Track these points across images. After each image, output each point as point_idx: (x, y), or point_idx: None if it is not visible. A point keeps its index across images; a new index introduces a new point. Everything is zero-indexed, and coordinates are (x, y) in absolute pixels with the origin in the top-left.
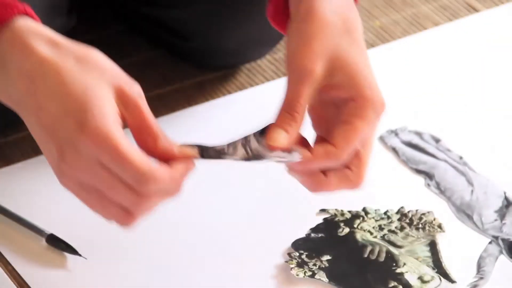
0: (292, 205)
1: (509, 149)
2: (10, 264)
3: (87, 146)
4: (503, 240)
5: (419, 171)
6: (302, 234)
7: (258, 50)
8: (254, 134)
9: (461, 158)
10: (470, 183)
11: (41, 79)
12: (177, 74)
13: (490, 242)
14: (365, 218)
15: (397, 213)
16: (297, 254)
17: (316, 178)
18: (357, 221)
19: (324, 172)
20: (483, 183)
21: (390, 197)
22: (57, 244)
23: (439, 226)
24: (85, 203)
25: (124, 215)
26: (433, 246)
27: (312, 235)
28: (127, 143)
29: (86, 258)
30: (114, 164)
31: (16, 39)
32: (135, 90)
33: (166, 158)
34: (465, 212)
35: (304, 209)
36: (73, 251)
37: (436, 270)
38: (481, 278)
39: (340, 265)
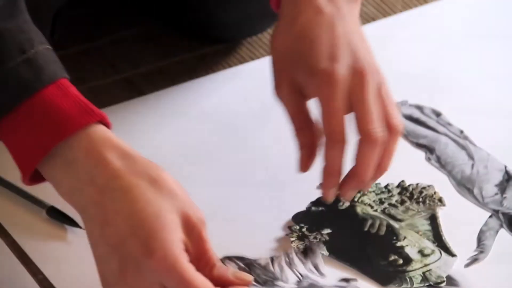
0: (293, 179)
1: (510, 123)
2: (10, 236)
3: (152, 270)
4: (503, 214)
5: (419, 145)
6: (302, 207)
7: (259, 24)
8: (296, 253)
9: (461, 132)
10: (470, 157)
11: (112, 194)
12: (178, 47)
13: (490, 216)
14: (366, 191)
15: (397, 187)
16: (298, 227)
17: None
18: (358, 195)
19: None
20: (483, 157)
21: (390, 171)
22: (58, 216)
23: (440, 200)
24: None
25: None
26: (433, 219)
27: (313, 208)
28: (192, 270)
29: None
30: None
31: (91, 149)
32: (199, 218)
33: (220, 283)
34: (465, 186)
35: (305, 183)
36: (73, 223)
37: (436, 243)
38: (481, 251)
39: (341, 238)
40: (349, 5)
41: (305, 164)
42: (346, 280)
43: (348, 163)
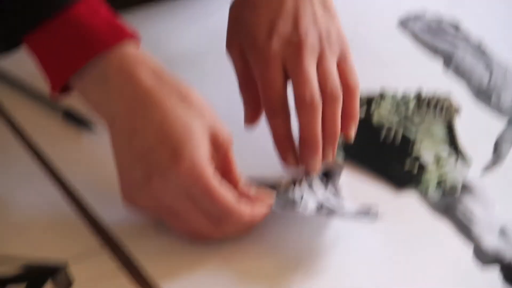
0: None
1: None
2: (28, 138)
3: (179, 177)
4: None
5: (437, 53)
6: None
7: None
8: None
9: (480, 42)
10: (488, 66)
11: (143, 106)
12: None
13: (507, 124)
14: (382, 100)
15: (414, 96)
16: None
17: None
18: (374, 104)
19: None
20: (502, 66)
21: (408, 80)
22: (73, 119)
23: (457, 109)
24: (157, 218)
25: (195, 236)
26: (450, 128)
27: None
28: (217, 180)
29: (101, 133)
30: (203, 198)
31: (124, 66)
32: (226, 138)
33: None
34: (483, 94)
35: None
36: (88, 126)
37: (452, 151)
38: (497, 159)
39: (357, 146)
40: None
41: (250, 119)
42: (366, 211)
43: None
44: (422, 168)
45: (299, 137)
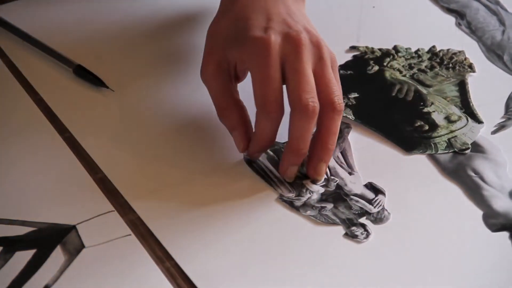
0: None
1: None
2: (38, 94)
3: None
4: None
5: (450, 10)
6: None
7: None
8: None
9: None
10: (502, 23)
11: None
12: None
13: None
14: (395, 56)
15: (428, 52)
16: None
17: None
18: (387, 59)
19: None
20: None
21: (421, 36)
22: (85, 75)
23: (470, 66)
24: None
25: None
26: (462, 86)
27: (341, 72)
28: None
29: (113, 91)
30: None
31: None
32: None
33: None
34: (495, 52)
35: (334, 46)
36: (100, 83)
37: (463, 110)
38: (509, 119)
39: (367, 103)
40: None
41: (243, 145)
42: (375, 190)
43: None
44: (432, 126)
45: (288, 139)
